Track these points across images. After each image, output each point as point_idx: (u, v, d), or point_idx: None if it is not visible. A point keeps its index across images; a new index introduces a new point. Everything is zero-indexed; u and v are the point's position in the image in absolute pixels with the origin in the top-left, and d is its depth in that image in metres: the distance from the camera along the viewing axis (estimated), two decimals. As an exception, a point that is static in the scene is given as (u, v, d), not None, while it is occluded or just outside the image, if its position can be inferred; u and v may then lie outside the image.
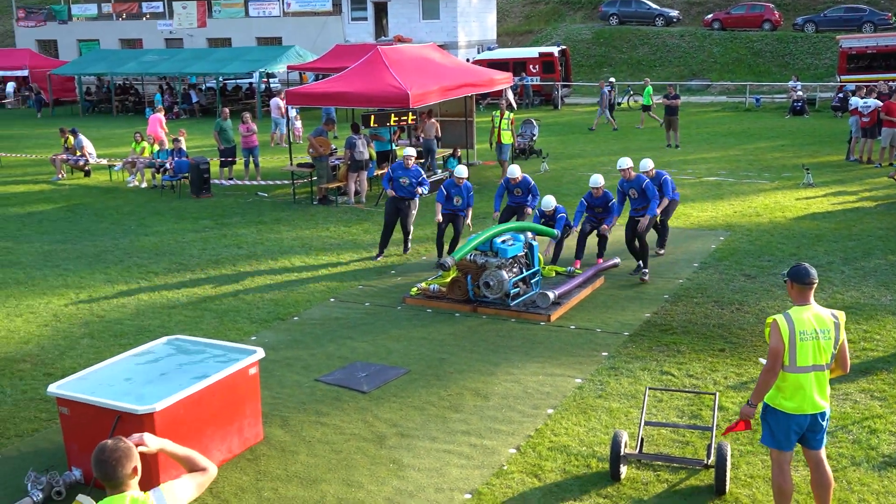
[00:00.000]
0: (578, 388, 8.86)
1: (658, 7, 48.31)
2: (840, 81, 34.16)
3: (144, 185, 21.66)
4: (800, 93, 33.86)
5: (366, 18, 48.10)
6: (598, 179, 12.80)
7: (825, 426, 5.99)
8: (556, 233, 12.82)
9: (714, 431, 7.24)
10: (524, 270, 11.68)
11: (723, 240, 14.64)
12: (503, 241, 11.54)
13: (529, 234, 12.08)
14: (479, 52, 44.75)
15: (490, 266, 11.32)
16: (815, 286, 5.92)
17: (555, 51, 40.70)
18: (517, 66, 39.27)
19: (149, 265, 14.13)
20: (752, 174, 20.78)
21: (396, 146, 21.01)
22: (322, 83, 20.72)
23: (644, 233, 12.40)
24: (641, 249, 12.45)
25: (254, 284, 12.92)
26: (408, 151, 14.19)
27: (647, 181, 12.50)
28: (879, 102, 21.78)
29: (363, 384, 9.06)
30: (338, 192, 19.03)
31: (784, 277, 6.02)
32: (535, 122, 25.33)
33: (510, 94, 23.56)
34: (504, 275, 11.17)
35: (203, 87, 44.08)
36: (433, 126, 20.57)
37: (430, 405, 8.55)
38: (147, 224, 17.28)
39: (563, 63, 40.84)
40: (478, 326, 10.81)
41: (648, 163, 13.13)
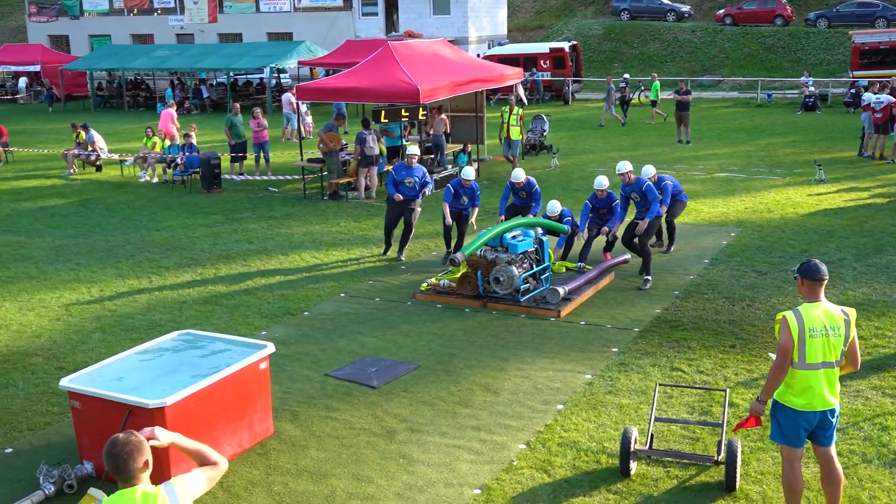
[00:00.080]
0: (588, 384, 8.85)
1: (669, 2, 48.12)
2: (852, 77, 34.00)
3: (155, 180, 21.72)
4: (812, 88, 33.69)
5: (376, 14, 48.08)
6: (603, 181, 12.69)
7: (835, 423, 5.97)
8: (567, 228, 12.79)
9: (724, 428, 7.23)
10: (534, 266, 11.67)
11: (734, 236, 14.59)
12: (513, 237, 11.54)
13: (539, 230, 12.07)
14: (490, 48, 44.68)
15: (500, 261, 11.32)
16: (826, 283, 5.90)
17: (565, 46, 40.62)
18: (528, 62, 39.21)
19: (160, 260, 14.18)
20: (764, 170, 20.70)
21: (407, 142, 21.02)
22: (332, 78, 20.74)
23: (646, 237, 12.15)
24: (643, 256, 12.21)
25: (264, 279, 12.95)
26: (411, 150, 14.04)
27: (648, 184, 12.31)
28: (892, 98, 21.67)
29: (373, 379, 9.08)
30: (348, 188, 19.04)
31: (794, 274, 6.01)
32: (546, 118, 25.29)
33: (521, 90, 23.50)
34: (514, 270, 11.17)
35: (214, 83, 44.17)
36: (442, 122, 20.55)
37: (440, 400, 8.56)
38: (158, 219, 17.33)
39: (574, 58, 40.76)
40: (488, 322, 10.81)
41: (650, 170, 12.89)
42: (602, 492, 6.82)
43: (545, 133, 24.71)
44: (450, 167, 20.33)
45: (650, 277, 12.06)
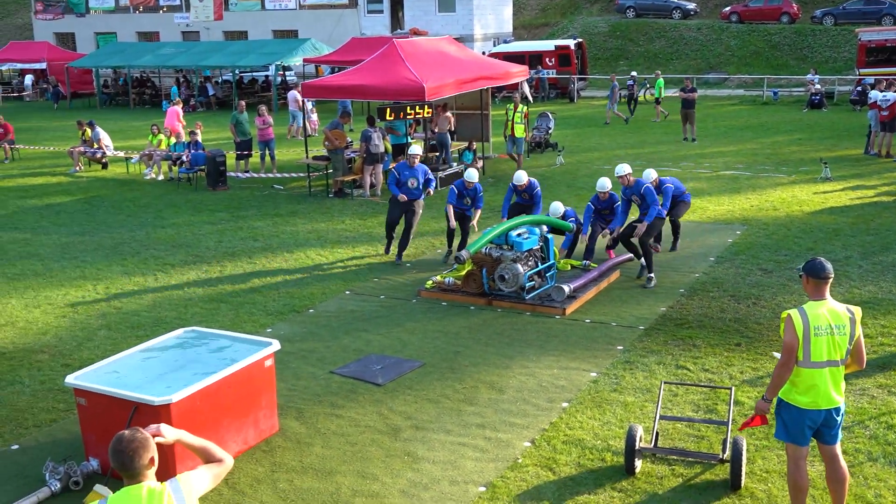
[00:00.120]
0: (593, 382, 8.85)
1: (675, 0, 48.06)
2: (859, 75, 33.90)
3: (161, 178, 21.75)
4: (818, 86, 33.61)
5: (382, 11, 48.09)
6: (605, 183, 12.60)
7: (840, 421, 5.96)
8: (572, 226, 12.78)
9: (730, 426, 7.22)
10: (539, 264, 11.66)
11: (739, 234, 14.57)
12: (518, 235, 11.53)
13: (545, 228, 12.06)
14: (495, 45, 44.66)
15: (505, 259, 11.32)
16: (832, 281, 5.89)
17: (571, 44, 40.57)
18: (533, 59, 39.18)
19: (165, 257, 14.20)
20: (770, 168, 20.66)
21: (412, 139, 21.02)
22: (338, 76, 20.74)
23: (646, 237, 12.02)
24: (645, 256, 12.11)
25: (269, 277, 12.97)
26: (412, 150, 13.93)
27: (647, 186, 12.15)
28: (899, 96, 21.61)
29: (378, 377, 9.09)
30: (353, 185, 19.05)
31: (800, 272, 5.99)
32: (551, 116, 25.27)
33: (526, 88, 23.45)
34: (519, 268, 11.16)
35: (220, 80, 44.21)
36: (446, 119, 20.53)
37: (445, 398, 8.56)
38: (164, 216, 17.36)
39: (580, 56, 40.71)
40: (493, 320, 10.81)
41: (651, 173, 12.74)
42: (607, 490, 6.82)
43: (550, 131, 24.70)
44: (455, 165, 20.33)
45: (653, 275, 12.02)
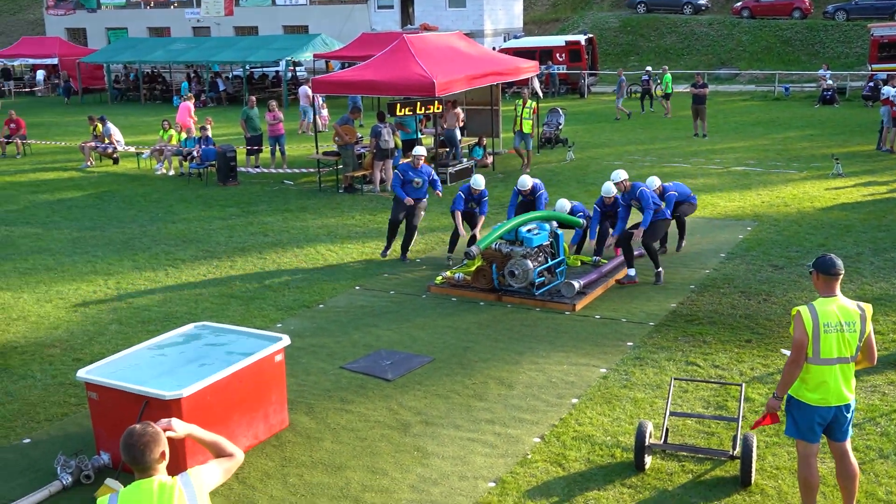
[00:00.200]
0: (603, 378, 8.84)
1: (686, -5, 47.92)
2: (871, 70, 33.72)
3: (172, 173, 21.81)
4: (830, 82, 33.44)
5: (392, 7, 48.07)
6: (611, 188, 12.44)
7: (850, 418, 5.94)
8: (582, 222, 12.74)
9: (740, 422, 7.20)
10: (549, 260, 11.65)
11: (750, 230, 14.53)
12: (528, 231, 11.52)
13: (555, 224, 12.03)
14: (506, 41, 44.59)
15: (515, 255, 11.31)
16: (842, 277, 5.86)
17: (581, 39, 40.48)
18: (543, 55, 39.09)
19: (176, 252, 14.25)
20: (781, 164, 20.58)
21: (422, 135, 21.02)
22: (348, 71, 20.75)
23: (650, 240, 11.88)
24: (650, 254, 11.97)
25: (279, 272, 12.99)
26: (417, 151, 13.73)
27: (642, 189, 11.93)
28: (911, 92, 21.49)
29: (388, 372, 9.10)
30: (363, 181, 19.06)
31: (810, 268, 5.97)
32: (562, 111, 25.22)
33: (536, 83, 23.43)
34: (529, 264, 11.15)
35: (230, 76, 44.28)
36: (455, 116, 20.49)
37: (455, 393, 8.57)
38: (174, 211, 17.41)
39: (590, 51, 40.61)
40: (502, 315, 10.81)
41: (655, 181, 12.65)
42: (616, 486, 6.82)
43: (561, 126, 24.65)
44: (465, 160, 20.30)
45: (661, 270, 11.94)
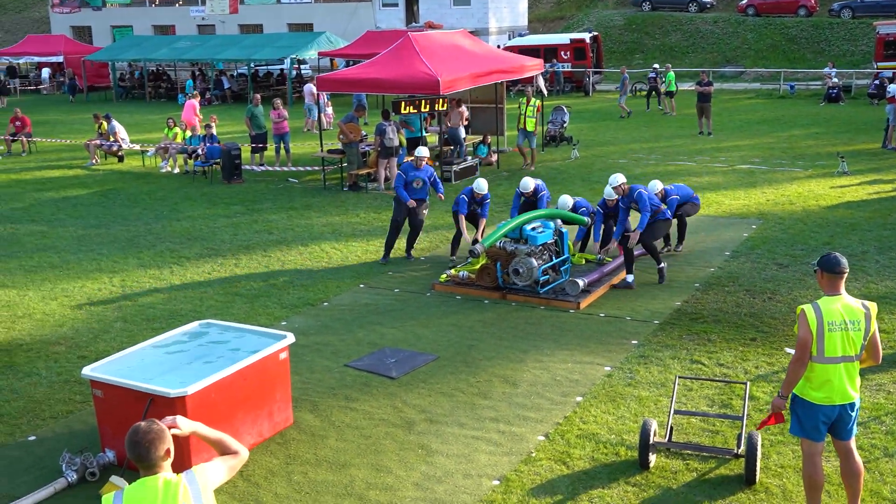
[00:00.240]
0: (608, 376, 8.84)
1: (691, -8, 47.85)
2: (877, 68, 33.63)
3: (177, 171, 21.83)
4: (835, 80, 33.36)
5: (397, 4, 48.07)
6: (613, 193, 12.50)
7: (855, 417, 5.93)
8: (587, 220, 12.74)
9: (744, 421, 7.20)
10: (554, 258, 11.65)
11: (755, 228, 14.50)
12: (533, 229, 11.51)
13: (559, 222, 12.03)
14: (510, 39, 44.57)
15: (520, 253, 11.30)
16: (847, 276, 5.85)
17: (586, 37, 40.42)
18: (548, 53, 39.06)
19: (181, 250, 14.27)
20: (786, 162, 20.54)
21: (426, 133, 21.01)
22: (353, 69, 20.76)
23: (649, 239, 11.79)
24: (650, 252, 11.91)
25: (284, 270, 13.00)
26: (420, 152, 13.62)
27: (639, 191, 11.76)
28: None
29: (392, 370, 9.10)
30: (368, 179, 19.07)
31: (814, 267, 5.96)
32: (566, 109, 25.20)
33: (541, 81, 23.39)
34: (534, 262, 11.15)
35: (235, 74, 44.33)
36: (459, 115, 20.47)
37: (459, 391, 8.57)
38: (179, 209, 17.43)
39: (595, 49, 40.56)
40: (507, 313, 10.81)
41: (657, 185, 12.59)
42: (621, 484, 6.82)
43: (565, 124, 24.62)
44: (469, 158, 20.29)
45: (664, 265, 11.83)
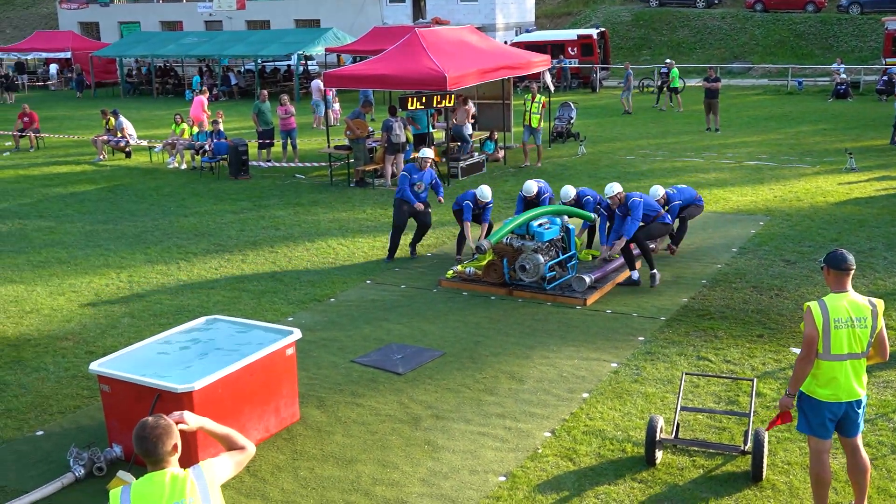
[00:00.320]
0: (614, 373, 8.83)
1: (699, -12, 47.72)
2: (885, 64, 33.50)
3: (184, 167, 21.87)
4: (843, 76, 33.25)
5: (404, 1, 48.03)
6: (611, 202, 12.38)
7: (861, 413, 5.92)
8: (593, 216, 12.71)
9: (751, 417, 7.18)
10: (560, 254, 11.64)
11: (762, 225, 14.47)
12: (540, 225, 11.50)
13: (566, 218, 12.02)
14: (518, 35, 44.50)
15: (526, 249, 11.30)
16: (853, 273, 5.84)
17: (594, 33, 40.35)
18: (555, 49, 39.01)
19: (188, 246, 14.29)
20: (794, 158, 20.48)
21: (433, 129, 20.99)
22: (360, 65, 20.75)
23: (644, 241, 11.67)
24: (644, 255, 11.80)
25: (291, 266, 13.02)
26: (423, 153, 13.52)
27: (633, 200, 11.52)
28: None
29: (398, 366, 9.11)
30: (374, 175, 19.07)
31: (821, 263, 5.95)
32: (573, 106, 25.16)
33: (548, 77, 23.35)
34: (540, 258, 11.14)
35: (242, 70, 44.36)
36: (465, 112, 20.43)
37: (465, 388, 8.57)
38: (186, 205, 17.46)
39: (602, 45, 40.49)
40: (513, 310, 10.81)
41: (658, 190, 12.52)
42: (627, 480, 6.82)
43: (572, 120, 24.59)
44: (476, 155, 20.27)
45: (656, 272, 11.62)
